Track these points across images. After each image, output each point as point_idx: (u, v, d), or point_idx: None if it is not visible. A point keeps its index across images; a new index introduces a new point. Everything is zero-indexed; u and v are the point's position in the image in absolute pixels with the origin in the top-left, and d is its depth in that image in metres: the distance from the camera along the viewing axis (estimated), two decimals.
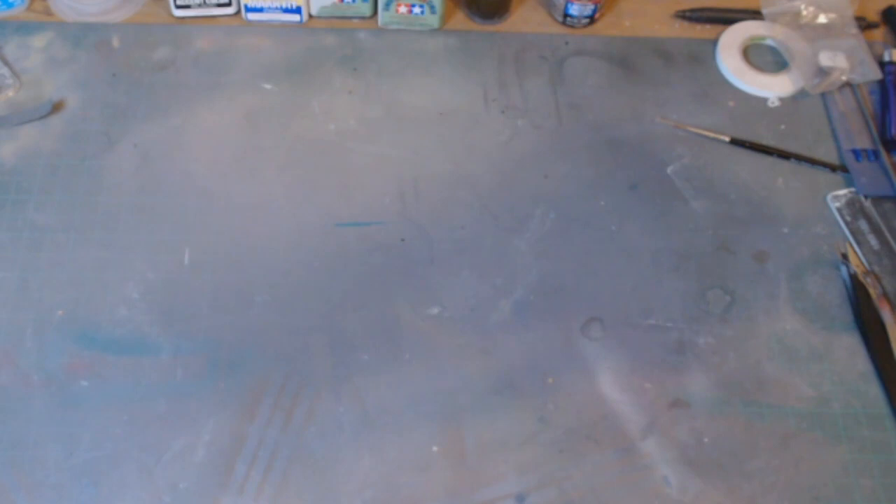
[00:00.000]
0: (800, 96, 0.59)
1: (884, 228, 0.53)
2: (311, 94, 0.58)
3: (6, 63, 0.57)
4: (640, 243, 0.52)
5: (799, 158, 0.56)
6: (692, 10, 0.63)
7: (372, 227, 0.52)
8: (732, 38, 0.61)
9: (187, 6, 0.60)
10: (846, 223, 0.54)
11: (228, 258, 0.51)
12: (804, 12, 0.61)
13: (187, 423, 0.45)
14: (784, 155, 0.56)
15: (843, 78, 0.59)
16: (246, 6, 0.60)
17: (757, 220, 0.53)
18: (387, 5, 0.59)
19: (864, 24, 0.62)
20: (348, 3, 0.60)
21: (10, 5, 0.60)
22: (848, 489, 0.45)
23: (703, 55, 0.61)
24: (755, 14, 0.62)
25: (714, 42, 0.61)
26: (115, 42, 0.59)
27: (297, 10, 0.60)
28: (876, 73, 0.59)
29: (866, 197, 0.55)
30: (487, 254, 0.51)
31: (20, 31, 0.59)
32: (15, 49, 0.58)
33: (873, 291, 0.50)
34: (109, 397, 0.46)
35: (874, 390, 0.48)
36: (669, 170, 0.55)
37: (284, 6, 0.60)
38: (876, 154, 0.56)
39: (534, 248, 0.52)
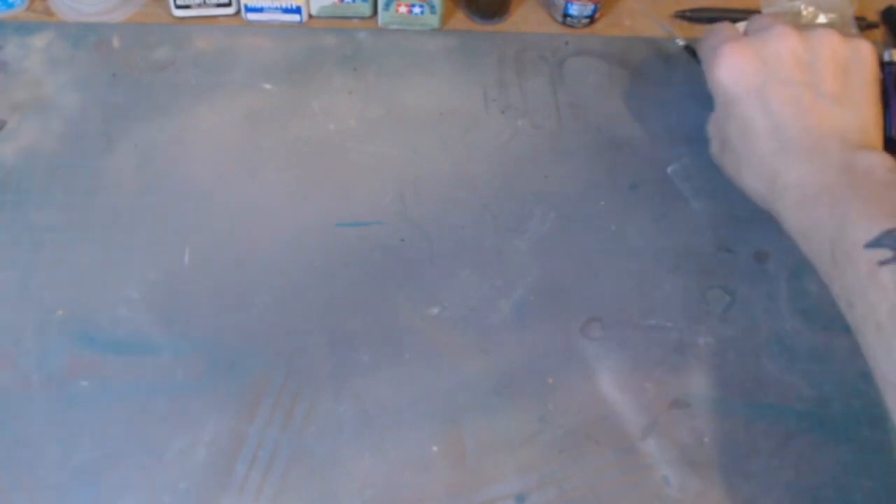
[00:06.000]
0: None
1: None
2: (311, 94, 0.58)
3: None
4: (640, 243, 0.52)
5: None
6: (692, 10, 0.63)
7: (372, 227, 0.52)
8: None
9: (187, 6, 0.60)
10: None
11: (228, 258, 0.51)
12: (804, 12, 0.61)
13: (187, 423, 0.45)
14: None
15: None
16: (246, 6, 0.60)
17: (757, 220, 0.53)
18: (387, 5, 0.59)
19: (864, 24, 0.62)
20: (348, 3, 0.60)
21: (10, 5, 0.60)
22: (848, 489, 0.45)
23: None
24: (755, 14, 0.62)
25: None
26: (115, 42, 0.59)
27: (297, 10, 0.60)
28: None
29: None
30: (487, 254, 0.51)
31: (20, 31, 0.59)
32: (15, 49, 0.58)
33: None
34: (109, 397, 0.46)
35: (874, 390, 0.47)
36: (669, 170, 0.55)
37: (284, 6, 0.60)
38: None
39: (534, 248, 0.52)
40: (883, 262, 0.39)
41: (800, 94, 0.46)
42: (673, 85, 0.59)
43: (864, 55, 0.47)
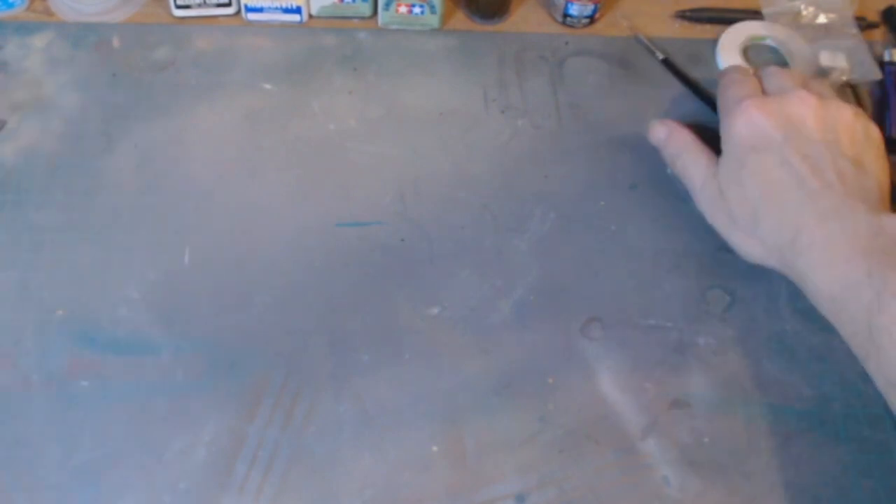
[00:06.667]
0: None
1: None
2: (311, 94, 0.58)
3: None
4: (640, 243, 0.52)
5: None
6: (692, 10, 0.63)
7: (372, 227, 0.52)
8: (732, 38, 0.61)
9: (187, 6, 0.60)
10: None
11: (228, 258, 0.51)
12: (804, 12, 0.61)
13: (187, 423, 0.45)
14: None
15: (843, 78, 0.59)
16: (246, 6, 0.60)
17: None
18: (387, 5, 0.59)
19: (864, 24, 0.62)
20: (348, 3, 0.60)
21: (10, 5, 0.60)
22: (848, 489, 0.45)
23: (703, 55, 0.61)
24: (755, 14, 0.62)
25: (714, 42, 0.61)
26: (115, 42, 0.59)
27: (297, 10, 0.60)
28: (876, 74, 0.59)
29: None
30: (487, 254, 0.51)
31: (20, 31, 0.59)
32: (15, 49, 0.59)
33: None
34: (109, 397, 0.46)
35: (874, 390, 0.47)
36: (669, 170, 0.55)
37: (284, 6, 0.60)
38: None
39: (534, 248, 0.52)
40: None
41: (821, 151, 0.45)
42: (673, 85, 0.59)
43: (873, 137, 0.48)
